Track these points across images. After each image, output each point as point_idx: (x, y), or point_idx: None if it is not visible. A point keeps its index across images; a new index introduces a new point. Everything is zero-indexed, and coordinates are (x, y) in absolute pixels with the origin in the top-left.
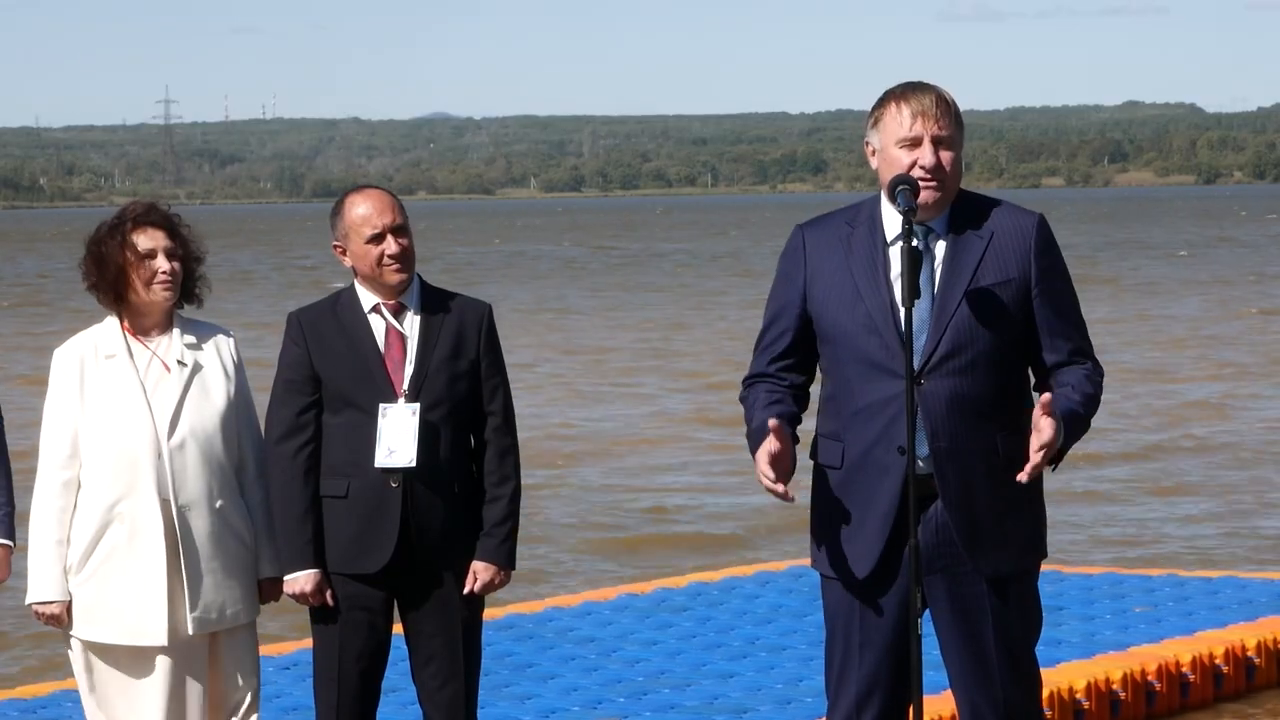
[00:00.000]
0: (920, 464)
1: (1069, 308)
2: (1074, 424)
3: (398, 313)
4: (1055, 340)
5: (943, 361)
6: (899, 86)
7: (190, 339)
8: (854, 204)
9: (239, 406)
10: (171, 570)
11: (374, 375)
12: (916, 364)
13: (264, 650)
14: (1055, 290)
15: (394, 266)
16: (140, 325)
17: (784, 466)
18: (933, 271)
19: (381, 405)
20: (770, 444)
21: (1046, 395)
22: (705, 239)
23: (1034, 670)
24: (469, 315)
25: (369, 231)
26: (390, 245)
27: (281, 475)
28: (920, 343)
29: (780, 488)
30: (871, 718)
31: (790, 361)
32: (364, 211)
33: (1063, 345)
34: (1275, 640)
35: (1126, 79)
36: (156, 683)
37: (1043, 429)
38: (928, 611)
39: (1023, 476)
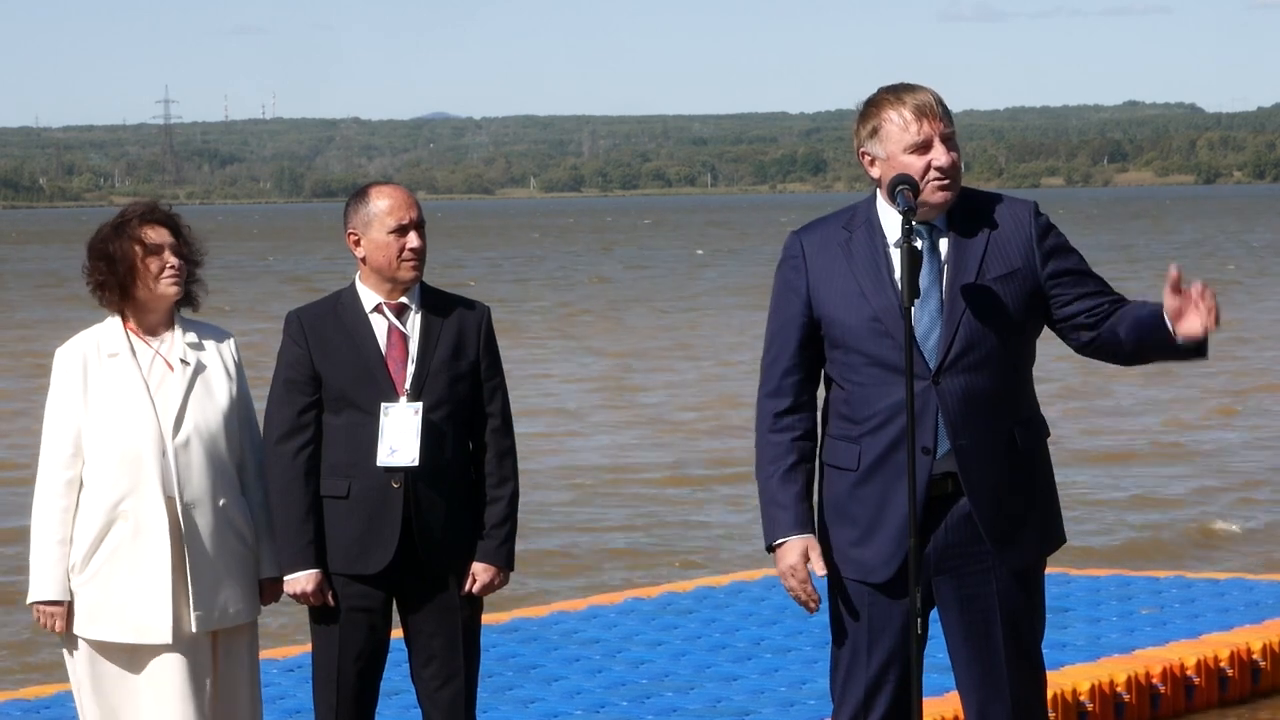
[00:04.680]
0: (940, 462)
1: (1089, 272)
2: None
3: (400, 313)
4: (1096, 301)
5: (958, 358)
6: (888, 91)
7: (192, 338)
8: (847, 207)
9: (240, 407)
10: (176, 568)
11: (375, 375)
12: (932, 363)
13: (268, 653)
14: (1072, 264)
15: (412, 262)
16: (144, 323)
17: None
18: (939, 269)
19: (384, 404)
20: (805, 569)
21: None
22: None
23: (1042, 669)
24: (469, 317)
25: (394, 222)
26: (413, 239)
27: (282, 476)
28: (933, 342)
29: (814, 603)
30: (878, 718)
31: (800, 377)
32: (391, 203)
33: (1104, 296)
34: None
35: (1127, 79)
36: (161, 681)
37: (1194, 292)
38: (932, 613)
39: (1212, 323)
